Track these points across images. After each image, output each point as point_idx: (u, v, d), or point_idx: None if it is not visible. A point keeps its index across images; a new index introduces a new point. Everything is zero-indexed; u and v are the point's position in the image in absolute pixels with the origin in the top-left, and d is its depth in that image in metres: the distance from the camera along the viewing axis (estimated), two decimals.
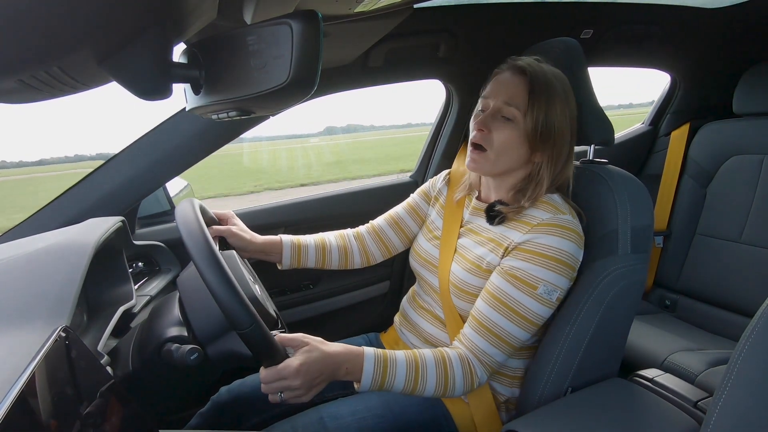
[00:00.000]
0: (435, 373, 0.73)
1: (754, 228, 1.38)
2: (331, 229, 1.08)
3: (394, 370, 0.71)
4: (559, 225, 0.76)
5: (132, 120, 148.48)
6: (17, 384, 0.42)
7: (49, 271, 0.64)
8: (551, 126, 0.75)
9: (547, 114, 0.75)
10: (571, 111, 0.79)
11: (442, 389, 0.74)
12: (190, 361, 0.63)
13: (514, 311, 0.75)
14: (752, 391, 0.47)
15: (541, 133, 0.75)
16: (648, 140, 1.80)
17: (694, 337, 1.32)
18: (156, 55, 0.47)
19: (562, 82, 0.79)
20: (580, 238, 0.78)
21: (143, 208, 1.20)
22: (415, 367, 0.73)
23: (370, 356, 0.71)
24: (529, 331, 0.77)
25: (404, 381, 0.72)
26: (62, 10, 0.32)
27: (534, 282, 0.75)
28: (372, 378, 0.70)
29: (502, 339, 0.75)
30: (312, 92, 0.49)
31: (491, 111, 0.78)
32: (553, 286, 0.75)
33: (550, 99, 0.74)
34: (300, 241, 0.98)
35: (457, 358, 0.75)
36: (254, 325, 0.61)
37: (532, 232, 0.76)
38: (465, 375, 0.75)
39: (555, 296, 0.76)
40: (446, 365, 0.74)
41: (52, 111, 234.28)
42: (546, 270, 0.75)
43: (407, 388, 0.73)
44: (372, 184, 1.50)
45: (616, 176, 0.85)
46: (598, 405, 0.77)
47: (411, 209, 1.03)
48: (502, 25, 1.27)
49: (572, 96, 0.80)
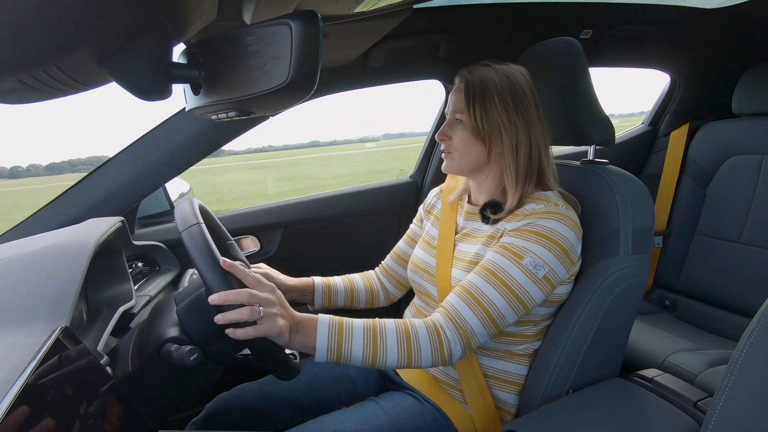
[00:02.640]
0: (396, 340, 0.71)
1: (753, 228, 1.38)
2: (331, 229, 1.08)
3: (350, 334, 0.70)
4: (552, 211, 0.78)
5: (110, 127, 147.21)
6: (17, 384, 0.42)
7: (49, 271, 0.64)
8: (492, 119, 0.81)
9: (485, 110, 0.81)
10: (520, 102, 0.81)
11: (406, 359, 0.71)
12: (190, 361, 0.63)
13: (499, 278, 0.75)
14: (753, 391, 0.47)
15: (484, 127, 0.81)
16: (647, 140, 1.81)
17: (694, 338, 1.32)
18: (156, 55, 0.47)
19: (504, 77, 0.81)
20: (575, 224, 0.78)
21: (143, 208, 1.20)
22: (373, 333, 0.71)
23: (325, 318, 0.71)
24: (513, 306, 0.74)
25: (362, 347, 0.69)
26: (62, 10, 0.32)
27: (521, 252, 0.75)
28: (327, 342, 0.68)
29: (482, 305, 0.74)
30: (312, 92, 0.49)
31: (448, 121, 0.87)
32: (540, 260, 0.75)
33: (485, 96, 0.81)
34: (330, 283, 1.01)
35: (422, 325, 0.73)
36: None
37: (525, 220, 0.78)
38: (432, 342, 0.72)
39: (542, 272, 0.75)
40: (408, 332, 0.72)
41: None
42: (534, 244, 0.75)
43: (367, 357, 0.70)
44: (372, 184, 1.50)
45: (617, 177, 0.85)
46: (598, 405, 0.77)
47: (411, 240, 1.05)
48: (502, 25, 1.27)
49: (523, 88, 0.82)
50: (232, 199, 11.51)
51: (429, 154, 1.51)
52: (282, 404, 0.91)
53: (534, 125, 0.82)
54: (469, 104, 0.82)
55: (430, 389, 0.89)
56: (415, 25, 1.15)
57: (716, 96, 1.68)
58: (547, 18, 1.30)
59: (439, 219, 0.97)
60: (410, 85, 1.44)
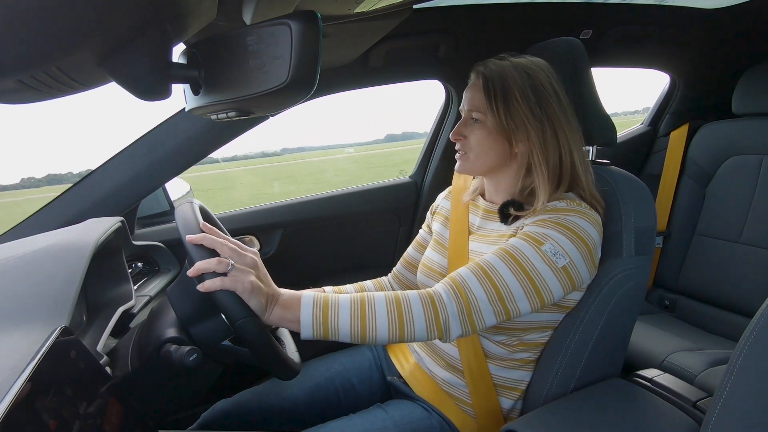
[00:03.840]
0: (386, 311, 0.67)
1: (753, 228, 1.38)
2: (331, 229, 1.08)
3: (336, 306, 0.66)
4: (576, 210, 0.74)
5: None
6: (17, 384, 0.42)
7: (49, 271, 0.64)
8: (516, 116, 0.77)
9: (508, 106, 0.76)
10: (542, 99, 0.77)
11: (398, 331, 0.67)
12: (189, 362, 0.63)
13: (515, 259, 0.70)
14: (753, 391, 0.47)
15: (508, 124, 0.77)
16: (647, 140, 1.81)
17: (694, 337, 1.32)
18: (155, 55, 0.47)
19: (524, 71, 0.78)
20: (599, 224, 0.75)
21: (143, 208, 1.20)
22: (361, 305, 0.67)
23: (310, 292, 0.69)
24: (527, 291, 0.69)
25: (350, 319, 0.66)
26: (61, 10, 0.32)
27: (541, 238, 0.71)
28: (312, 314, 0.65)
29: (492, 280, 0.69)
30: (311, 92, 0.49)
31: (463, 120, 0.83)
32: (560, 248, 0.70)
33: (506, 91, 0.77)
34: (341, 292, 0.95)
35: (416, 295, 0.69)
36: (248, 318, 0.62)
37: (547, 214, 0.75)
38: (426, 311, 0.67)
39: (561, 261, 0.70)
40: (400, 303, 0.67)
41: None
42: (556, 232, 0.71)
43: (355, 330, 0.66)
44: (372, 184, 1.50)
45: (618, 177, 0.85)
46: (597, 405, 0.77)
47: (420, 246, 1.02)
48: (502, 25, 1.27)
49: (543, 83, 0.78)
50: None
51: (429, 155, 1.51)
52: (281, 411, 0.91)
53: (560, 123, 0.78)
54: (491, 101, 0.77)
55: (439, 400, 0.87)
56: (415, 25, 1.15)
57: (716, 96, 1.68)
58: (547, 18, 1.30)
59: (449, 219, 0.94)
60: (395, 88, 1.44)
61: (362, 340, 0.68)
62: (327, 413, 0.91)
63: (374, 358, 1.02)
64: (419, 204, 1.51)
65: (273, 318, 0.66)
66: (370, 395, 0.97)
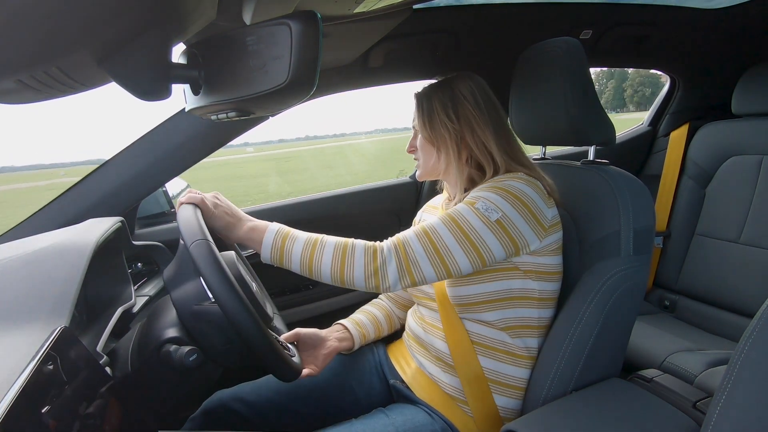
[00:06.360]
0: (332, 251, 0.75)
1: (753, 228, 1.38)
2: (331, 229, 1.08)
3: (293, 239, 0.77)
4: (511, 177, 0.82)
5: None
6: (16, 384, 0.42)
7: (49, 271, 0.64)
8: (435, 125, 0.88)
9: (430, 118, 0.89)
10: (458, 103, 0.87)
11: (339, 272, 0.75)
12: (189, 362, 0.63)
13: (452, 218, 0.78)
14: (753, 391, 0.47)
15: (433, 132, 0.89)
16: (647, 141, 1.81)
17: (694, 338, 1.32)
18: (155, 55, 0.47)
19: (447, 85, 0.88)
20: (539, 188, 0.81)
21: (143, 208, 1.20)
22: (314, 243, 0.77)
23: (275, 224, 0.79)
24: (463, 246, 0.75)
25: (301, 252, 0.76)
26: (61, 10, 0.32)
27: (474, 199, 0.79)
28: (273, 240, 0.76)
29: (430, 238, 0.76)
30: (311, 92, 0.49)
31: (413, 135, 0.96)
32: (491, 204, 0.77)
33: (430, 105, 0.89)
34: (359, 322, 1.04)
35: (362, 244, 0.77)
36: (204, 240, 0.63)
37: (488, 183, 0.83)
38: (366, 256, 0.75)
39: (494, 216, 0.76)
40: (346, 247, 0.76)
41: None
42: (489, 192, 0.79)
43: (304, 263, 0.76)
44: (372, 184, 1.50)
45: (617, 177, 0.85)
46: (597, 405, 0.77)
47: None
48: (502, 25, 1.27)
49: (463, 91, 0.87)
50: None
51: None
52: (278, 409, 0.91)
53: (477, 121, 0.86)
54: (420, 117, 0.90)
55: (442, 403, 0.87)
56: (415, 25, 1.15)
57: (716, 96, 1.68)
58: (547, 18, 1.30)
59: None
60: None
61: (309, 274, 0.77)
62: (325, 415, 0.91)
63: (375, 362, 1.02)
64: (419, 204, 1.51)
65: (241, 233, 0.77)
66: (370, 399, 0.97)
